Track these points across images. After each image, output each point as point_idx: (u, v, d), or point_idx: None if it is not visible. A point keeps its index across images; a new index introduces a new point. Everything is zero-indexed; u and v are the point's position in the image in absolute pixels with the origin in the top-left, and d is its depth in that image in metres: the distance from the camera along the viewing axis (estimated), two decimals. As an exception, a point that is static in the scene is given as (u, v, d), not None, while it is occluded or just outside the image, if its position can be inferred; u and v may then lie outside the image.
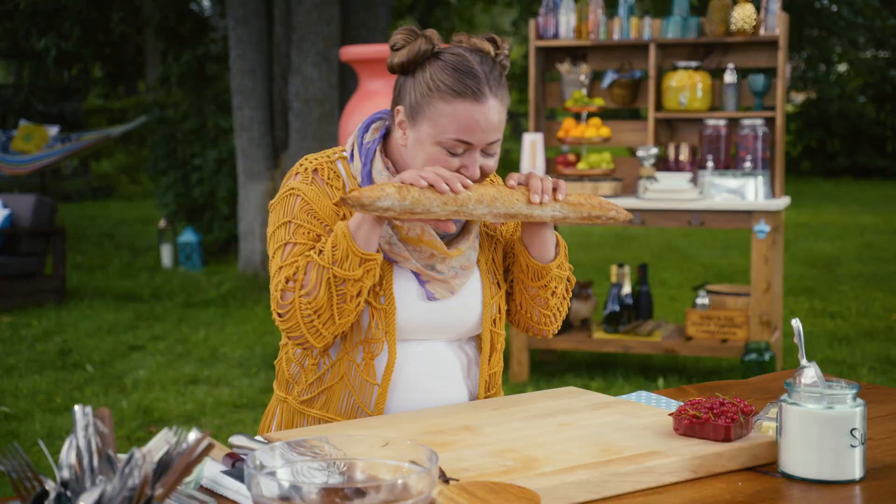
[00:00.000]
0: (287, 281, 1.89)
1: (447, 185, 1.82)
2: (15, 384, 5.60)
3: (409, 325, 1.97)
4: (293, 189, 1.97)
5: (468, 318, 2.03)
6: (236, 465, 1.63)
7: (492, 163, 1.96)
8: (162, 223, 9.87)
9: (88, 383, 5.63)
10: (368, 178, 1.97)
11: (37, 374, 5.83)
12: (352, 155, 2.02)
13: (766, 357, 5.25)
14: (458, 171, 1.91)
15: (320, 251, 1.88)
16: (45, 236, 8.03)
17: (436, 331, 2.02)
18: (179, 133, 10.32)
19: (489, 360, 2.10)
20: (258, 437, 1.76)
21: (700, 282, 8.56)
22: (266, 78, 8.61)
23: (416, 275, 1.98)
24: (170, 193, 10.18)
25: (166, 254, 9.74)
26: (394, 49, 1.94)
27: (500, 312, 2.10)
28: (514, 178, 1.92)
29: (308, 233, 1.93)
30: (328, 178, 1.98)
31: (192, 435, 1.19)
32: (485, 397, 2.11)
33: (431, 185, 1.81)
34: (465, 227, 2.03)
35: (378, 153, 1.99)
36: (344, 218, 1.95)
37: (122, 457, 1.24)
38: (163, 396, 5.34)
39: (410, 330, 1.98)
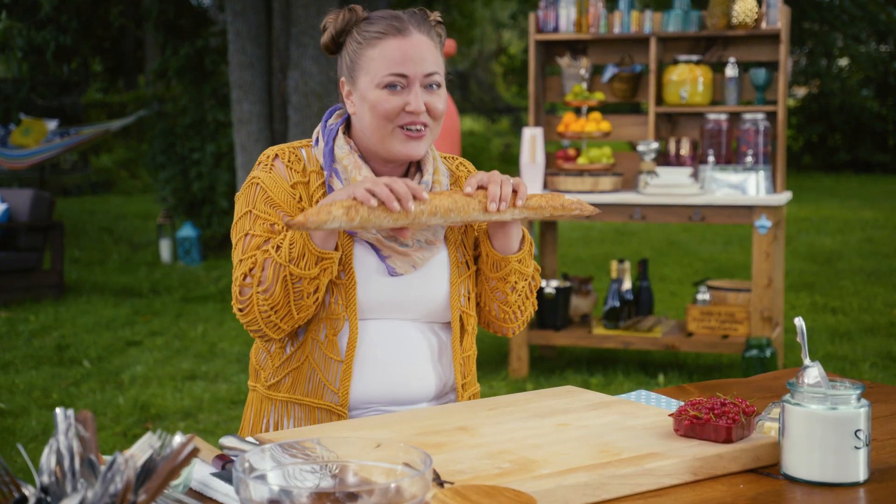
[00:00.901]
0: (244, 276, 1.92)
1: (399, 202, 1.80)
2: (11, 380, 5.56)
3: (372, 302, 1.96)
4: (254, 178, 2.00)
5: (434, 297, 2.01)
6: (226, 468, 1.60)
7: (438, 102, 1.98)
8: (161, 218, 9.83)
9: (85, 379, 5.60)
10: (330, 155, 2.00)
11: (33, 370, 5.80)
12: (316, 140, 2.05)
13: (768, 353, 5.22)
14: (402, 109, 1.94)
15: (278, 247, 1.89)
16: (43, 231, 8.00)
17: (400, 309, 2.00)
18: (178, 127, 10.28)
19: (461, 343, 2.07)
20: (249, 438, 1.73)
21: (701, 277, 8.53)
22: (265, 72, 8.57)
23: (377, 249, 1.97)
24: (168, 188, 10.14)
25: (165, 249, 9.71)
26: (323, 31, 2.02)
27: (469, 293, 2.07)
28: (471, 184, 1.91)
29: (264, 223, 1.95)
30: (288, 162, 2.01)
31: (178, 438, 1.16)
32: (461, 384, 2.08)
33: (383, 203, 1.79)
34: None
35: (340, 132, 2.03)
36: (300, 200, 1.98)
37: (108, 458, 1.20)
38: (160, 392, 5.31)
39: (373, 307, 1.97)
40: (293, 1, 8.26)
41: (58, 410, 1.16)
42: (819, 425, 1.59)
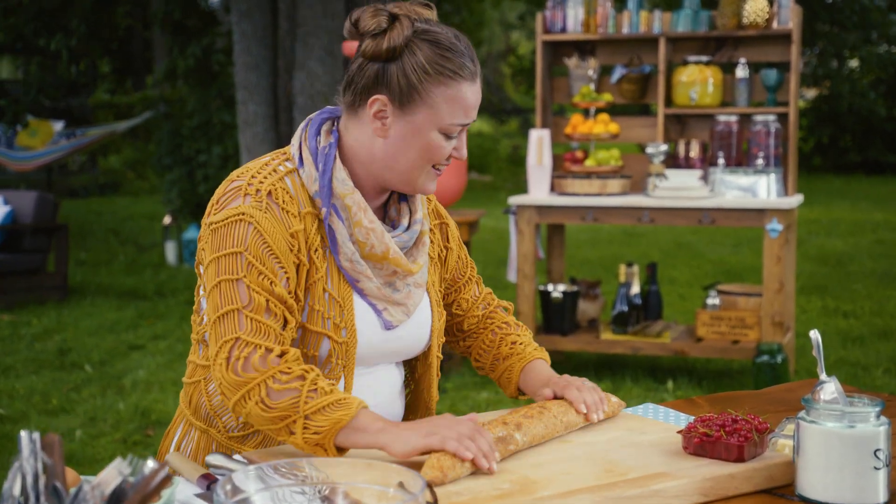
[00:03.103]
0: (243, 361, 1.64)
1: (486, 461, 1.59)
2: (11, 385, 5.50)
3: (366, 356, 1.84)
4: (244, 214, 1.71)
5: (420, 342, 1.91)
6: (211, 488, 1.52)
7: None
8: (167, 220, 9.78)
9: (86, 384, 5.53)
10: (328, 187, 1.77)
11: (34, 375, 5.73)
12: (300, 160, 1.79)
13: (779, 359, 5.13)
14: (450, 155, 1.80)
15: (315, 390, 1.62)
16: (48, 233, 7.95)
17: (388, 356, 1.90)
18: (185, 129, 10.22)
19: (431, 389, 1.98)
20: (237, 457, 1.65)
21: (710, 280, 8.43)
22: (270, 73, 8.51)
23: (373, 306, 1.83)
24: (175, 189, 10.10)
25: (171, 251, 9.65)
26: (374, 34, 1.74)
27: (442, 338, 1.99)
28: (546, 395, 1.86)
29: (263, 278, 1.69)
30: (283, 202, 1.74)
31: (149, 464, 1.08)
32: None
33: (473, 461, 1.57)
34: (417, 238, 1.88)
35: (337, 160, 1.79)
36: (298, 252, 1.74)
37: (102, 472, 1.13)
38: (161, 398, 5.24)
39: (366, 359, 1.85)
40: (299, 2, 8.19)
41: (23, 434, 1.08)
42: (836, 444, 1.51)
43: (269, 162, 1.80)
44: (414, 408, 1.99)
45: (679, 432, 1.69)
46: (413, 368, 1.99)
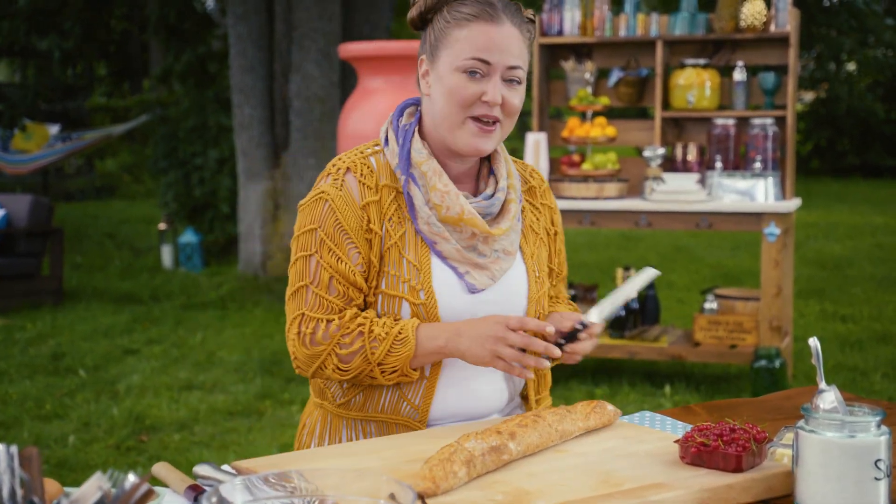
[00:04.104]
0: (309, 336, 1.86)
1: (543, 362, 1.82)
2: (5, 390, 5.46)
3: (452, 320, 1.89)
4: (323, 193, 1.90)
5: (513, 311, 1.94)
6: (199, 499, 1.49)
7: (516, 98, 1.90)
8: (162, 224, 9.74)
9: (80, 389, 5.49)
10: (407, 158, 1.90)
11: (28, 380, 5.69)
12: (386, 140, 1.95)
13: (777, 364, 5.10)
14: (479, 98, 1.86)
15: (375, 338, 1.84)
16: (42, 237, 7.91)
17: None
18: (181, 132, 10.18)
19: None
20: (225, 467, 1.62)
21: (708, 283, 8.41)
22: (266, 76, 8.47)
23: (454, 269, 1.90)
24: (170, 193, 10.05)
25: (167, 254, 9.61)
26: (412, 4, 1.93)
27: (545, 310, 2.01)
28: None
29: (331, 254, 1.87)
30: (361, 176, 1.90)
31: (130, 479, 1.05)
32: (535, 399, 2.04)
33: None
34: (503, 207, 1.95)
35: (415, 133, 1.93)
36: (370, 223, 1.89)
37: (83, 486, 1.10)
38: (155, 403, 5.20)
39: None
40: (295, 4, 8.16)
41: (0, 447, 1.05)
42: (836, 454, 1.48)
43: (360, 147, 1.97)
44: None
45: (676, 442, 1.66)
46: None
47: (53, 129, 12.21)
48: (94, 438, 4.67)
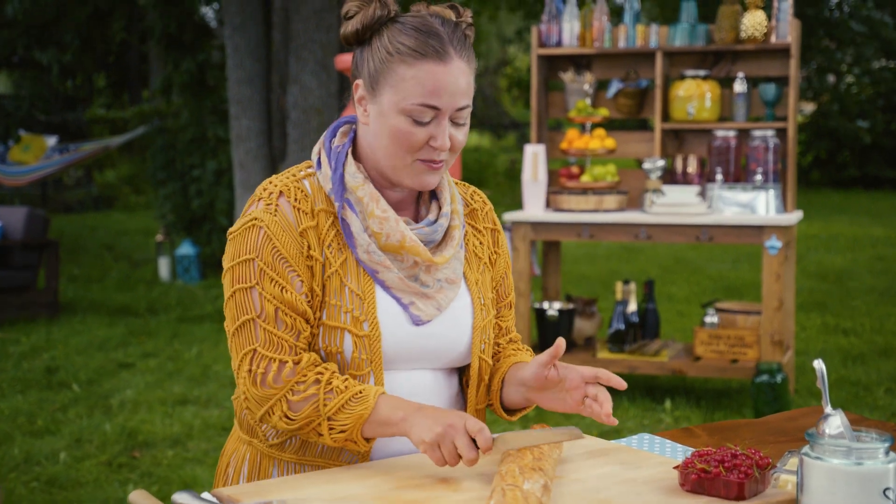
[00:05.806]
0: (260, 376, 1.71)
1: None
2: (-3, 404, 5.40)
3: (396, 353, 1.78)
4: (256, 220, 1.76)
5: (458, 343, 1.84)
6: (176, 530, 1.43)
7: (461, 135, 1.77)
8: (160, 236, 9.68)
9: (73, 404, 5.42)
10: (340, 183, 1.78)
11: (20, 394, 5.63)
12: (318, 163, 1.82)
13: (778, 379, 5.03)
14: (426, 143, 1.74)
15: (329, 390, 1.70)
16: (38, 249, 7.86)
17: (423, 358, 1.82)
18: (179, 143, 10.13)
19: (476, 393, 1.89)
20: (206, 495, 1.56)
21: (709, 296, 8.34)
22: (264, 87, 8.43)
23: (398, 299, 1.78)
24: (168, 204, 10.00)
25: (164, 266, 9.55)
26: (346, 18, 1.78)
27: (490, 341, 1.90)
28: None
29: (273, 283, 1.73)
30: (295, 201, 1.77)
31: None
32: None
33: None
34: (446, 233, 1.84)
35: (349, 156, 1.81)
36: (309, 249, 1.76)
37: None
38: (149, 418, 5.13)
39: (397, 358, 1.79)
40: (293, 15, 8.11)
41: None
42: (842, 482, 1.42)
43: (292, 170, 1.85)
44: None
45: (675, 468, 1.60)
46: (463, 377, 1.92)
47: (51, 141, 12.14)
48: (86, 455, 4.60)
